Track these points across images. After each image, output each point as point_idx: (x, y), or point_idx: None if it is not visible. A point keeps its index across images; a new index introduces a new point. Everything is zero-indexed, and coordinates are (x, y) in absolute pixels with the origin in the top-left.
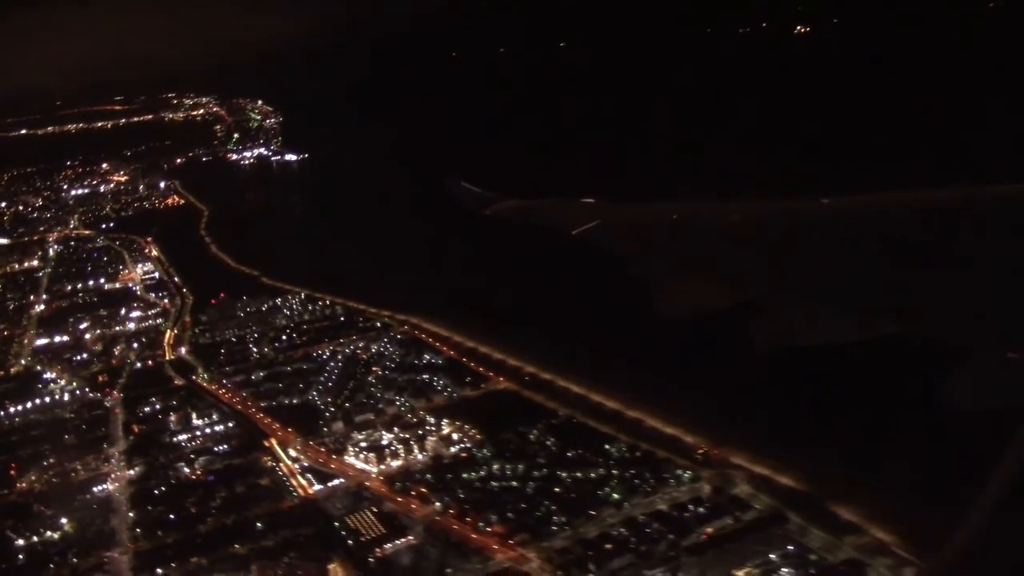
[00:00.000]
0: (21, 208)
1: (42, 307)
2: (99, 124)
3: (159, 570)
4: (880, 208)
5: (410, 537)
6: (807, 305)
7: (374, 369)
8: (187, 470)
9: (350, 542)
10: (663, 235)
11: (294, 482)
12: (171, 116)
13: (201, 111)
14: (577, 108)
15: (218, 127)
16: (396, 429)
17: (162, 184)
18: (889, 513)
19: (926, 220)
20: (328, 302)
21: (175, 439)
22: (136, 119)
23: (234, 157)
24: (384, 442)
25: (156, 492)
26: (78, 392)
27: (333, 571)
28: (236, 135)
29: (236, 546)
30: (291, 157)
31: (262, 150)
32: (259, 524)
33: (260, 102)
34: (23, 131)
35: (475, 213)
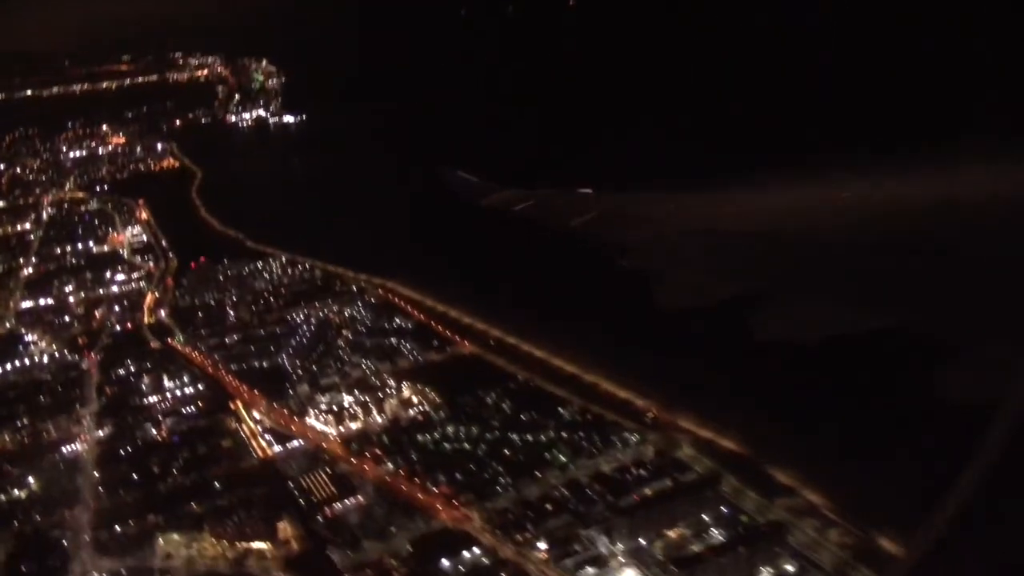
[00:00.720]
0: (19, 170)
1: (30, 270)
2: (104, 85)
3: (117, 527)
4: (879, 204)
5: (359, 497)
6: (806, 298)
7: (344, 333)
8: (154, 431)
9: (301, 502)
10: (662, 227)
11: (255, 444)
12: (176, 76)
13: (206, 71)
14: (576, 87)
15: (221, 88)
16: (358, 392)
17: (160, 146)
18: (824, 478)
19: (923, 216)
20: (308, 266)
21: (145, 401)
22: (141, 79)
23: (233, 119)
24: (345, 405)
25: (122, 453)
26: (57, 355)
27: (282, 530)
28: (237, 96)
29: (192, 505)
30: (289, 119)
31: (261, 111)
32: (217, 484)
33: (265, 62)
34: (28, 92)
35: (472, 203)
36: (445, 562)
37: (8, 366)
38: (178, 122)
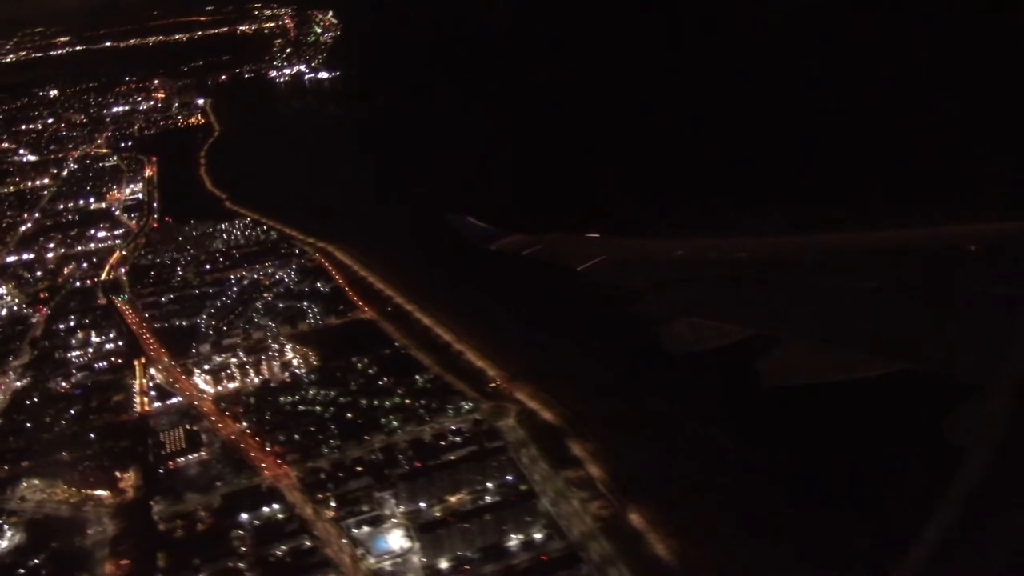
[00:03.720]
0: (62, 125)
1: (30, 225)
2: (176, 37)
3: None
4: (885, 246)
5: (202, 453)
6: (813, 342)
7: (265, 295)
8: (64, 384)
9: (151, 456)
10: (669, 272)
11: (139, 399)
12: (244, 28)
13: (272, 24)
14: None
15: (278, 41)
16: (249, 354)
17: (197, 102)
18: (614, 452)
19: (931, 257)
20: (266, 227)
21: (68, 355)
22: (212, 31)
23: (273, 74)
24: (233, 365)
25: (28, 403)
26: (15, 308)
27: (125, 480)
28: (288, 50)
29: (63, 454)
30: (323, 75)
31: (302, 67)
32: (92, 435)
33: (331, 14)
34: (107, 44)
35: (481, 248)
36: (244, 516)
37: None
38: (223, 77)
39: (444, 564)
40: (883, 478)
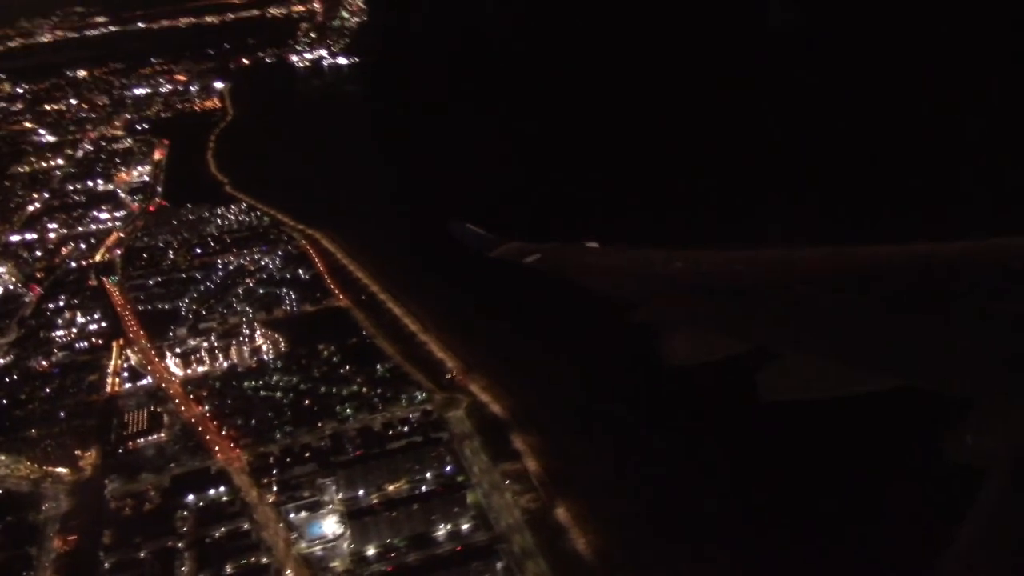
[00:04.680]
0: (84, 106)
1: (38, 205)
2: (208, 19)
3: None
4: (887, 259)
5: (162, 435)
6: (814, 357)
7: (248, 280)
8: (44, 362)
9: (113, 435)
10: (667, 283)
11: (110, 380)
12: (274, 12)
13: (303, 7)
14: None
15: (305, 25)
16: (222, 339)
17: (216, 85)
18: (556, 447)
19: (933, 272)
20: (260, 213)
21: (52, 334)
22: (244, 14)
23: (294, 58)
24: (204, 349)
25: (7, 380)
26: (11, 287)
27: (85, 458)
28: (313, 35)
29: (32, 431)
30: (343, 61)
31: (323, 51)
32: (62, 413)
33: None
34: (140, 25)
35: (480, 255)
36: (191, 497)
37: None
38: (246, 61)
39: (371, 551)
40: (861, 489)
